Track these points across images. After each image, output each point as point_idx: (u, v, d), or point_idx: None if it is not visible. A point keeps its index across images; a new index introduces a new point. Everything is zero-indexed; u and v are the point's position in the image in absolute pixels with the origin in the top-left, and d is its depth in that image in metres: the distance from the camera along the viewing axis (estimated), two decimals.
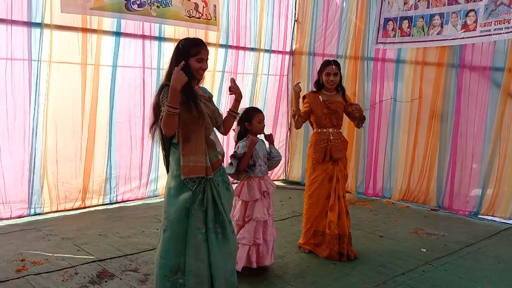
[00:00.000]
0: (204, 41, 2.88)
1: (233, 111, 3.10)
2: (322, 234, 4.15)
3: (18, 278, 3.49)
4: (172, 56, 2.84)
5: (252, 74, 6.95)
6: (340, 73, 4.18)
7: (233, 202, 3.63)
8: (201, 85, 2.99)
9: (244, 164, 3.60)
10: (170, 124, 2.67)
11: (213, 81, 6.39)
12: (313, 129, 4.28)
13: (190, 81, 2.74)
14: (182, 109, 2.70)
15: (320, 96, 4.16)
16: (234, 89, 3.01)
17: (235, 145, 3.71)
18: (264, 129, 3.76)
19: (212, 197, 2.85)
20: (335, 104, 4.15)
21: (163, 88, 2.76)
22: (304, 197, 4.32)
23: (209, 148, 2.86)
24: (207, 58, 2.85)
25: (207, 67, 2.86)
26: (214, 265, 2.82)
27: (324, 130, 4.14)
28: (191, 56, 2.77)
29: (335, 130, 4.18)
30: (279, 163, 3.89)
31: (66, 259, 3.90)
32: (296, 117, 4.08)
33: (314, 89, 4.27)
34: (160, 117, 2.70)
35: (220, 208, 2.86)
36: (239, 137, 3.71)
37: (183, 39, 2.89)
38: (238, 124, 3.68)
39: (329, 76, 4.10)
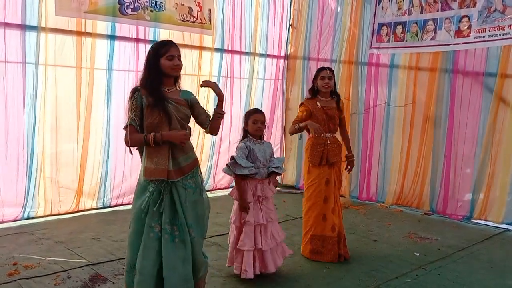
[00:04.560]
0: (172, 40, 2.91)
1: (217, 112, 3.02)
2: (319, 239, 4.15)
3: (10, 282, 3.47)
4: (145, 60, 2.88)
5: (247, 79, 6.97)
6: (334, 80, 4.26)
7: (233, 204, 3.71)
8: (185, 89, 3.00)
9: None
10: (135, 144, 2.86)
11: None
12: (309, 133, 4.30)
13: (160, 84, 2.82)
14: (148, 111, 2.76)
15: (317, 102, 4.20)
16: (205, 84, 2.99)
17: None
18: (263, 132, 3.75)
19: (171, 200, 2.82)
20: (332, 110, 4.21)
21: (134, 93, 2.81)
22: (303, 201, 4.36)
23: (179, 151, 2.84)
24: (179, 55, 2.85)
25: (180, 64, 2.86)
26: (165, 267, 2.79)
27: (322, 135, 4.18)
28: (161, 56, 2.80)
29: (331, 135, 4.25)
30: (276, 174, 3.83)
31: (59, 263, 3.88)
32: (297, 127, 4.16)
33: (309, 96, 4.32)
34: (125, 124, 2.80)
35: (179, 211, 2.82)
36: (242, 139, 3.74)
37: (153, 44, 2.94)
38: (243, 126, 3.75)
39: (324, 80, 4.17)
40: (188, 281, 2.84)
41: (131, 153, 2.88)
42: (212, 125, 3.04)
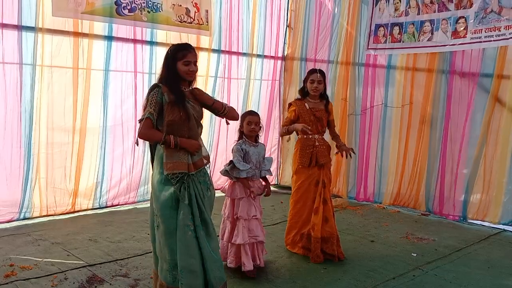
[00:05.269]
0: (191, 45, 3.00)
1: (220, 115, 3.15)
2: (308, 238, 4.24)
3: (7, 283, 3.46)
4: (163, 62, 2.98)
5: (244, 79, 6.97)
6: (325, 82, 4.30)
7: (224, 200, 3.83)
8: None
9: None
10: (150, 139, 2.94)
11: (206, 86, 6.40)
12: (298, 135, 4.35)
13: (179, 82, 2.92)
14: (168, 109, 2.83)
15: (306, 104, 4.27)
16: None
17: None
18: (259, 132, 3.83)
19: (195, 195, 2.91)
20: (320, 112, 4.27)
21: (154, 88, 2.90)
22: (290, 202, 4.43)
23: None
24: (195, 61, 2.96)
25: (196, 69, 2.97)
26: (206, 259, 2.89)
27: (310, 136, 4.24)
28: (178, 60, 2.90)
29: (320, 137, 4.31)
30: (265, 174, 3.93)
31: (56, 264, 3.87)
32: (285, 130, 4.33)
33: (299, 97, 4.37)
34: (142, 118, 2.86)
35: (201, 206, 2.93)
36: (237, 139, 3.84)
37: (172, 45, 3.02)
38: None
39: (313, 83, 4.22)
40: (222, 269, 3.03)
41: (137, 144, 3.00)
42: (228, 119, 3.18)
